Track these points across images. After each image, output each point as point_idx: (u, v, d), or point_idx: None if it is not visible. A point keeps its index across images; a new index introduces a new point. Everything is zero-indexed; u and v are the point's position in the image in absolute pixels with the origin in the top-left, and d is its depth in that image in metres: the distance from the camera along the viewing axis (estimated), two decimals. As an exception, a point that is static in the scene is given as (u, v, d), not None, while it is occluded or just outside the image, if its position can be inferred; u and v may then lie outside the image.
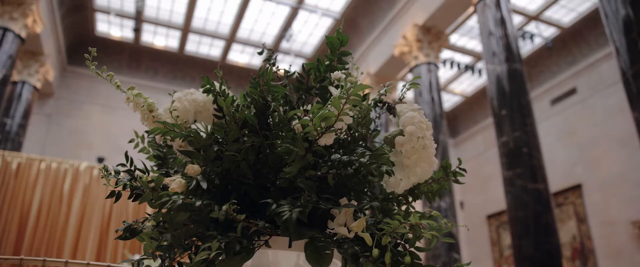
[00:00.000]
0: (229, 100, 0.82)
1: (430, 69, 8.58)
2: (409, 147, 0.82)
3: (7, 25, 7.95)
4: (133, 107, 0.91)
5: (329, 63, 0.98)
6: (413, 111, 0.86)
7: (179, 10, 10.98)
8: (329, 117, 0.72)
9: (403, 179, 0.83)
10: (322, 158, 0.85)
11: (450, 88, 13.01)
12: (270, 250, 0.90)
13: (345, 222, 0.77)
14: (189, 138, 0.81)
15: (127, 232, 0.83)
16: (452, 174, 0.93)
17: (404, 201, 0.95)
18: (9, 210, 6.99)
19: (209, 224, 0.78)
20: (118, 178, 0.82)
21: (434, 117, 7.91)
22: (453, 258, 6.97)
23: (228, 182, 0.84)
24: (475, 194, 13.04)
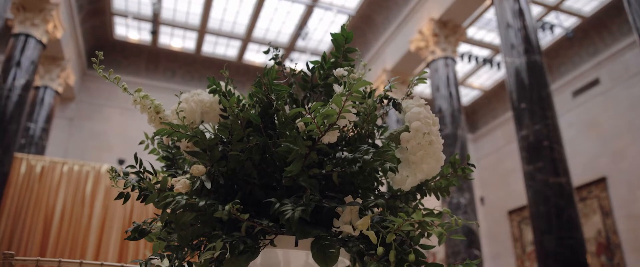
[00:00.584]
0: (233, 100, 0.82)
1: (448, 63, 8.49)
2: (414, 143, 0.81)
3: (29, 31, 8.12)
4: (140, 109, 0.92)
5: (335, 60, 0.97)
6: (419, 107, 0.85)
7: (195, 11, 11.07)
8: (331, 114, 0.71)
9: (409, 176, 0.82)
10: (327, 156, 0.84)
11: (468, 82, 12.86)
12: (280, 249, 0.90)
13: (350, 221, 0.77)
14: (194, 139, 0.82)
15: (136, 233, 0.84)
16: (460, 169, 0.91)
17: (412, 198, 0.94)
18: (34, 212, 7.15)
19: (215, 224, 0.79)
20: (127, 180, 0.83)
21: (452, 112, 7.83)
22: (473, 254, 6.90)
23: (234, 182, 0.85)
24: (495, 189, 12.88)
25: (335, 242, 0.75)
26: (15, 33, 8.10)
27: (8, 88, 7.64)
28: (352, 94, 0.70)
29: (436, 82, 8.28)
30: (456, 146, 7.51)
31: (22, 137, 8.92)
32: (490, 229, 12.85)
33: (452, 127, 7.66)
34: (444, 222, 0.93)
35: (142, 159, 0.95)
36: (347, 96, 0.70)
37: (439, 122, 5.48)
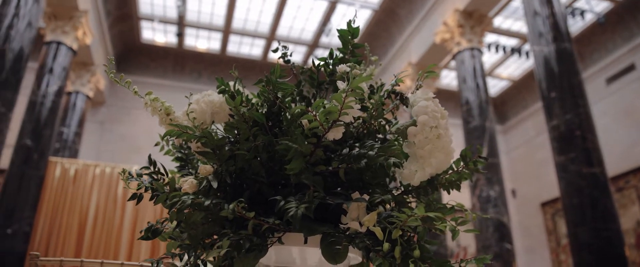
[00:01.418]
0: (239, 100, 0.82)
1: (474, 54, 8.34)
2: (421, 137, 0.80)
3: (60, 39, 8.36)
4: (151, 112, 0.94)
5: (342, 56, 0.96)
6: (427, 100, 0.83)
7: (219, 12, 11.19)
8: (333, 111, 0.71)
9: (418, 171, 0.81)
10: (335, 153, 0.84)
11: (496, 73, 12.62)
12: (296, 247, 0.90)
13: (357, 217, 0.76)
14: (202, 139, 0.83)
15: (149, 233, 0.85)
16: (472, 163, 0.89)
17: (423, 192, 0.93)
18: (69, 214, 7.38)
19: (224, 222, 0.79)
20: (140, 181, 0.85)
21: (480, 104, 7.69)
22: (505, 248, 6.77)
23: (243, 181, 0.85)
24: (527, 181, 12.61)
25: (342, 238, 0.74)
26: (47, 41, 8.35)
27: (42, 94, 7.89)
28: (353, 90, 0.69)
29: (462, 74, 8.15)
30: (484, 138, 7.39)
31: (56, 142, 9.20)
32: (522, 222, 12.60)
33: (480, 119, 7.53)
34: (457, 217, 0.92)
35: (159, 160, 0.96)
36: (348, 92, 0.70)
37: (467, 114, 5.40)
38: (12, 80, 6.29)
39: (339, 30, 0.95)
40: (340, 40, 0.97)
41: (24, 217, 7.31)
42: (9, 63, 6.29)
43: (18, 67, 6.37)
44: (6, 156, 7.43)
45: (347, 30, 0.94)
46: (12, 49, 6.39)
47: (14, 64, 6.32)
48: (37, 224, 7.33)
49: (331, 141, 0.76)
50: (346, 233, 0.76)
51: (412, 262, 0.66)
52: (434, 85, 10.17)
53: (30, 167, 7.46)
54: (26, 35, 6.60)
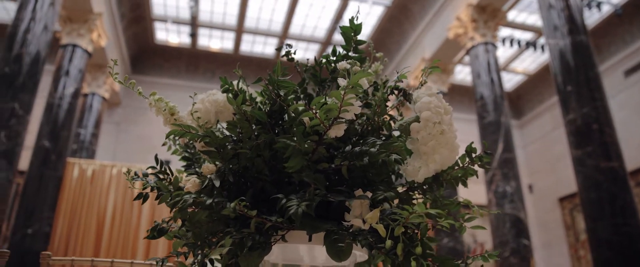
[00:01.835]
0: (240, 99, 0.82)
1: (488, 49, 8.25)
2: (425, 133, 0.79)
3: (76, 41, 8.48)
4: (155, 112, 0.94)
5: (346, 53, 0.96)
6: (430, 96, 0.82)
7: (232, 12, 11.23)
8: (332, 108, 0.70)
9: (422, 167, 0.80)
10: (338, 150, 0.83)
11: (511, 67, 12.47)
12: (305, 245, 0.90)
13: (360, 214, 0.76)
14: (205, 138, 0.83)
15: (155, 232, 0.86)
16: (477, 158, 0.88)
17: (429, 189, 0.92)
18: (88, 214, 7.49)
19: (229, 221, 0.80)
20: (145, 180, 0.85)
21: (495, 99, 7.61)
22: (522, 244, 6.70)
23: (247, 179, 0.85)
24: (545, 176, 12.45)
25: (346, 236, 0.74)
26: (63, 44, 8.47)
27: (59, 97, 8.01)
28: (352, 87, 0.69)
29: (477, 69, 8.07)
30: (500, 133, 7.31)
31: (74, 143, 9.33)
32: (540, 218, 12.45)
33: (495, 115, 7.45)
34: (463, 213, 0.91)
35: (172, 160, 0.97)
36: (346, 89, 0.69)
37: (482, 109, 5.35)
38: (30, 83, 6.39)
39: (342, 27, 0.94)
40: (343, 38, 0.97)
41: (43, 217, 7.44)
42: (26, 66, 6.39)
43: (35, 70, 6.47)
44: (25, 157, 7.57)
45: (349, 27, 0.94)
46: (29, 52, 6.50)
47: (31, 67, 6.43)
48: (56, 224, 7.46)
49: (333, 138, 0.76)
50: (349, 231, 0.76)
51: (413, 259, 0.65)
52: (448, 81, 10.09)
53: (49, 168, 7.59)
54: (42, 39, 6.70)
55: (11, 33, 6.48)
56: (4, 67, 6.28)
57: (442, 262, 0.66)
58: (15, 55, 6.34)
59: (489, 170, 7.19)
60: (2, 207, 5.97)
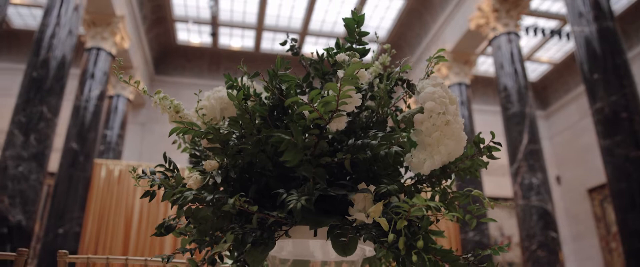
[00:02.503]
0: (240, 94, 0.82)
1: (511, 39, 8.09)
2: (429, 124, 0.77)
3: (100, 44, 8.65)
4: (161, 110, 0.95)
5: (350, 45, 0.95)
6: (435, 86, 0.80)
7: (251, 10, 11.29)
8: (330, 101, 0.69)
9: (427, 159, 0.79)
10: (342, 144, 0.82)
11: (536, 57, 12.20)
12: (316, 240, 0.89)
13: (364, 208, 0.75)
14: (208, 135, 0.83)
15: (162, 229, 0.87)
16: (485, 149, 0.86)
17: (437, 182, 0.90)
18: (116, 213, 7.65)
19: (233, 217, 0.79)
20: (152, 178, 0.86)
21: (518, 90, 7.46)
22: (550, 237, 6.56)
23: (251, 174, 0.85)
24: (573, 167, 12.17)
25: (348, 230, 0.73)
26: (88, 48, 8.65)
27: (85, 99, 8.19)
28: (348, 79, 0.68)
29: (499, 60, 7.92)
30: (524, 124, 7.17)
31: (101, 144, 9.53)
32: (568, 210, 12.18)
33: (519, 106, 7.30)
34: (473, 205, 0.89)
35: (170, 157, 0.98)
36: (342, 81, 0.68)
37: (505, 100, 5.25)
38: (57, 87, 6.55)
39: (345, 18, 0.93)
40: (346, 29, 0.95)
41: (73, 217, 7.63)
42: (53, 71, 6.55)
43: (61, 74, 6.62)
44: (55, 159, 7.76)
45: (352, 18, 0.92)
46: (55, 57, 6.65)
47: (58, 72, 6.58)
48: (86, 224, 7.64)
49: (335, 132, 0.75)
50: (353, 225, 0.75)
51: (415, 254, 0.64)
52: (470, 72, 9.93)
53: (78, 170, 7.77)
54: (67, 43, 6.84)
55: (38, 38, 6.64)
56: (32, 72, 6.44)
57: (443, 256, 0.65)
58: (42, 60, 6.49)
59: (514, 162, 7.06)
60: (34, 208, 6.14)
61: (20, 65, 9.52)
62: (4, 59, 11.15)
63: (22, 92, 6.33)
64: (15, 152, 6.08)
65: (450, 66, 9.76)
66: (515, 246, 11.18)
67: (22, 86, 6.37)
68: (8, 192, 5.98)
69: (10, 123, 6.23)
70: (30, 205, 6.04)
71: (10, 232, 5.90)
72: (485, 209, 0.85)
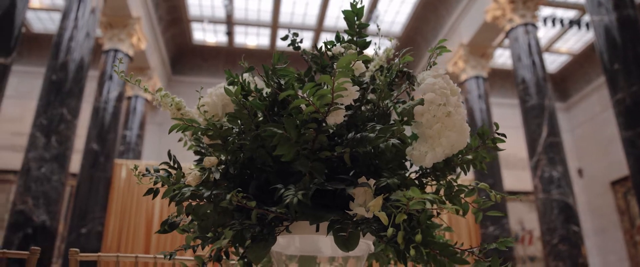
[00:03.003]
0: (238, 90, 0.82)
1: (528, 30, 7.96)
2: (429, 116, 0.76)
3: (117, 46, 8.77)
4: (162, 108, 0.95)
5: (350, 38, 0.94)
6: (435, 77, 0.79)
7: (266, 8, 11.31)
8: (325, 94, 0.69)
9: (428, 152, 0.77)
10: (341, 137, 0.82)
11: (554, 48, 11.99)
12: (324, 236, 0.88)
13: (364, 202, 0.74)
14: (208, 132, 0.83)
15: (166, 226, 0.87)
16: (490, 141, 0.84)
17: (442, 175, 0.88)
18: (137, 213, 7.76)
19: (234, 213, 0.79)
20: (154, 176, 0.87)
21: (537, 82, 7.34)
22: (571, 230, 6.45)
23: (252, 170, 0.85)
24: (595, 159, 11.93)
25: (349, 225, 0.72)
26: (105, 49, 8.77)
27: (104, 101, 8.31)
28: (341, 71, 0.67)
29: (517, 52, 7.80)
30: (544, 117, 7.05)
31: (120, 145, 9.67)
32: (591, 203, 11.96)
33: (538, 98, 7.19)
34: (479, 198, 0.88)
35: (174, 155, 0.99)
36: (334, 74, 0.67)
37: (523, 93, 5.18)
38: (76, 89, 6.65)
39: (344, 11, 0.92)
40: (346, 22, 0.94)
41: (95, 217, 7.76)
42: (72, 73, 6.65)
43: (80, 77, 6.73)
44: (76, 160, 7.90)
45: (351, 10, 0.91)
46: (74, 59, 6.76)
47: (76, 74, 6.69)
48: (108, 223, 7.77)
49: (333, 125, 0.74)
50: (353, 220, 0.74)
51: (413, 248, 0.63)
52: (487, 65, 9.80)
53: (98, 170, 7.90)
54: (85, 46, 6.95)
55: (56, 42, 6.76)
56: (52, 75, 6.56)
57: (442, 250, 0.64)
58: (61, 63, 6.60)
59: (533, 155, 6.96)
60: (57, 209, 6.26)
61: (41, 68, 9.71)
62: (25, 63, 11.37)
63: (42, 95, 6.45)
64: (37, 154, 6.20)
65: (467, 59, 9.65)
66: (537, 240, 11.03)
67: (42, 89, 6.49)
68: (32, 194, 6.11)
69: (32, 126, 6.36)
70: (53, 205, 6.16)
71: (34, 232, 6.03)
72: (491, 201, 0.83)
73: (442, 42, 0.87)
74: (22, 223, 5.93)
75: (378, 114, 0.87)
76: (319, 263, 1.01)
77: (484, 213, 0.81)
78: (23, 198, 6.06)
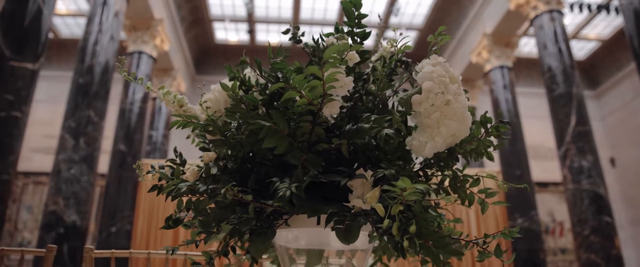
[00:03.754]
0: (235, 85, 0.81)
1: (553, 17, 7.75)
2: (427, 105, 0.74)
3: (141, 48, 8.91)
4: (165, 104, 0.96)
5: (350, 30, 0.92)
6: (433, 66, 0.77)
7: (286, 5, 11.33)
8: (316, 86, 0.68)
9: (428, 142, 0.75)
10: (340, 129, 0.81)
11: (582, 35, 11.66)
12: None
13: (362, 194, 0.73)
14: (207, 127, 0.83)
15: (170, 221, 0.88)
16: (493, 129, 0.82)
17: (446, 165, 0.86)
18: (165, 212, 7.89)
19: (236, 208, 0.79)
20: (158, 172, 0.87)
21: (564, 70, 7.15)
22: (603, 222, 6.27)
23: (253, 164, 0.85)
24: (628, 148, 11.58)
25: (347, 217, 0.71)
26: (130, 52, 8.93)
27: (130, 102, 8.47)
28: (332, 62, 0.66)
29: (542, 40, 7.62)
30: (572, 105, 6.87)
31: (147, 145, 9.84)
32: (625, 193, 11.61)
33: (565, 86, 7.00)
34: (484, 189, 0.85)
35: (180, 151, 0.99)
36: (322, 64, 0.66)
37: (550, 81, 5.05)
38: (102, 91, 6.80)
39: (342, 2, 0.91)
40: (345, 14, 0.93)
41: (124, 216, 7.94)
42: (98, 76, 6.80)
43: (105, 79, 6.87)
44: (104, 161, 8.09)
45: (349, 1, 0.90)
46: (99, 62, 6.90)
47: (102, 77, 6.83)
48: (136, 223, 7.92)
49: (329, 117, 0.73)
50: (351, 211, 0.73)
51: (407, 239, 0.61)
52: (512, 54, 9.60)
53: (126, 170, 8.07)
54: (110, 49, 7.09)
55: (82, 46, 6.91)
56: (78, 79, 6.72)
57: (435, 241, 0.62)
58: (87, 67, 6.75)
59: (561, 145, 6.79)
60: (87, 209, 6.42)
61: (70, 73, 9.95)
62: (55, 67, 11.68)
63: (70, 98, 6.61)
64: (67, 156, 6.36)
65: (491, 49, 9.47)
66: (568, 231, 10.78)
67: (70, 92, 6.66)
68: (62, 194, 6.27)
69: (61, 128, 6.53)
70: (82, 205, 6.31)
71: (66, 232, 6.19)
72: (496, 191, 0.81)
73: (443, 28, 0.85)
74: (54, 223, 6.10)
75: (378, 105, 0.86)
76: (327, 257, 1.01)
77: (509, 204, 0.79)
78: (54, 199, 6.23)
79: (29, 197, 11.33)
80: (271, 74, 0.83)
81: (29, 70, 4.96)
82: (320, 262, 0.93)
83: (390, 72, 0.88)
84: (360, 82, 0.90)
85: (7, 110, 4.63)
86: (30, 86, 4.94)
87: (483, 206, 0.80)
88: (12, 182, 4.57)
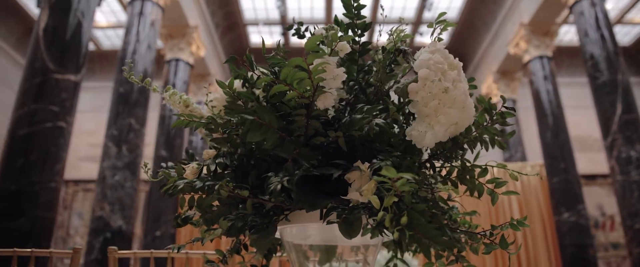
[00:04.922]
0: (231, 82, 0.82)
1: (594, 2, 7.44)
2: (424, 93, 0.72)
3: (178, 55, 9.14)
4: (172, 105, 0.98)
5: (350, 22, 0.91)
6: (431, 53, 0.75)
7: (319, 5, 11.36)
8: (302, 78, 0.67)
9: (427, 131, 0.73)
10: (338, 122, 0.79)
11: (627, 19, 11.14)
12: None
13: (360, 187, 0.71)
14: (208, 125, 0.84)
15: (178, 220, 0.89)
16: (498, 115, 0.79)
17: (449, 155, 0.84)
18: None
19: (240, 204, 0.80)
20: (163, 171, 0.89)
21: (607, 57, 6.85)
22: (655, 213, 5.97)
23: (255, 161, 0.85)
24: (683, 135, 10.96)
25: (345, 211, 0.70)
26: (167, 59, 9.17)
27: (169, 109, 8.70)
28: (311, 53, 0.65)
29: (583, 27, 7.33)
30: (617, 93, 6.58)
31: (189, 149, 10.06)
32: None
33: (609, 74, 6.71)
34: (494, 178, 0.83)
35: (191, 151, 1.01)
36: (306, 56, 0.65)
37: (593, 69, 4.86)
38: (141, 99, 7.01)
39: (341, -5, 0.90)
40: (343, 6, 0.92)
41: (168, 220, 8.15)
42: (137, 85, 7.01)
43: (145, 88, 7.07)
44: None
45: (347, -7, 0.89)
46: (138, 72, 7.12)
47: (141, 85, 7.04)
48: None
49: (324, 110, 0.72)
50: (349, 205, 0.72)
51: (397, 231, 0.60)
52: (552, 44, 9.28)
53: (168, 175, 8.28)
54: (147, 57, 7.31)
55: (121, 56, 7.16)
56: (119, 88, 6.96)
57: (426, 232, 0.60)
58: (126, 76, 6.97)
59: (607, 135, 6.51)
60: (131, 213, 6.63)
61: (111, 83, 10.31)
62: (98, 78, 12.14)
63: (112, 107, 6.86)
64: (110, 163, 6.59)
65: (529, 39, 9.19)
66: (619, 225, 10.31)
67: (111, 102, 6.91)
68: (108, 200, 6.50)
69: (104, 136, 6.77)
70: (127, 210, 6.53)
71: (113, 236, 6.41)
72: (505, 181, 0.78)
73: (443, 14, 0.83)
74: (101, 228, 6.33)
75: (379, 96, 0.84)
76: (341, 253, 1.00)
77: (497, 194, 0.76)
78: (101, 205, 6.47)
79: (79, 204, 11.82)
80: (269, 70, 0.83)
81: (71, 81, 5.16)
82: (331, 258, 0.92)
83: (391, 62, 0.86)
84: (361, 74, 0.88)
85: (53, 121, 4.83)
86: (73, 97, 5.14)
87: (493, 196, 0.77)
88: (59, 189, 4.77)
